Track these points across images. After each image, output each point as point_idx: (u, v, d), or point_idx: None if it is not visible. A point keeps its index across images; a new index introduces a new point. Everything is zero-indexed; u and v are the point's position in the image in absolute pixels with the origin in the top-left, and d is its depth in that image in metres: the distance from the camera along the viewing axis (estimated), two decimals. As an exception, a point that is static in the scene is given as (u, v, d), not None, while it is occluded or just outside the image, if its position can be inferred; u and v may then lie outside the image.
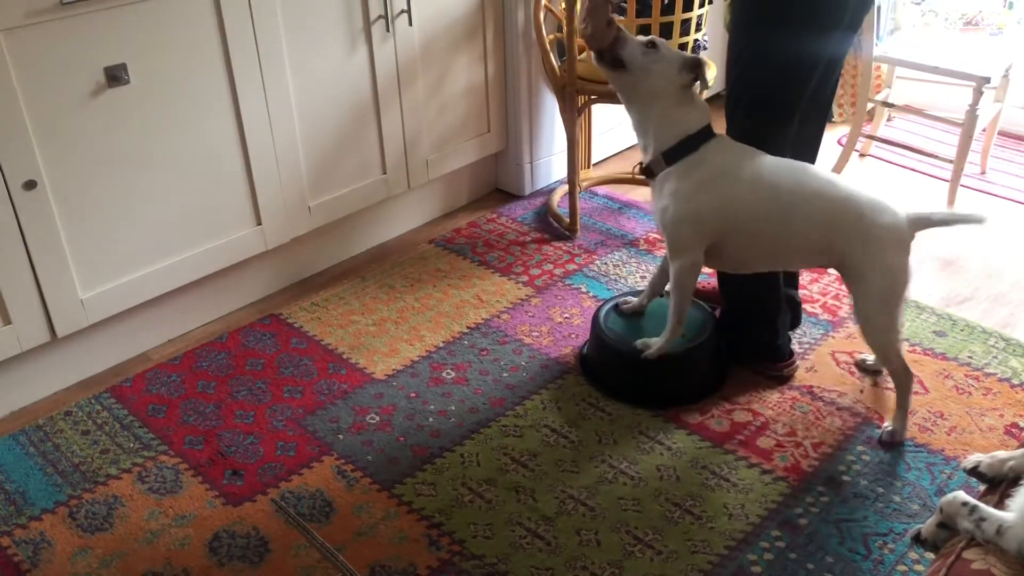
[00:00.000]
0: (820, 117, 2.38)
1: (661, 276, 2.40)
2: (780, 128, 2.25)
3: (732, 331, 2.46)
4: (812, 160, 2.42)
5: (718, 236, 2.15)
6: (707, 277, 2.70)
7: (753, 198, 2.10)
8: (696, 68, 2.09)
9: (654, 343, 2.30)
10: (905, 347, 2.30)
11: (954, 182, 3.21)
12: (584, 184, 3.39)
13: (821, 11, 2.15)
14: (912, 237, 2.09)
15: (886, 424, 2.24)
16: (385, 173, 2.96)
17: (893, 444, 2.20)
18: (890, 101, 3.57)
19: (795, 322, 2.60)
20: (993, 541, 1.38)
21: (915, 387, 2.35)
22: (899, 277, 2.09)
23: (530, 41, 3.14)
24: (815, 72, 2.22)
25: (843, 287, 2.77)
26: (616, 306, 2.48)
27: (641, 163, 2.21)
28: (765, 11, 2.17)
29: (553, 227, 3.21)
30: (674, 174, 2.13)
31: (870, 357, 2.43)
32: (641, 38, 2.11)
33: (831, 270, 2.63)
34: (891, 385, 2.38)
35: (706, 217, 2.13)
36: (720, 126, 2.22)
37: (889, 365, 2.19)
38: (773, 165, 2.13)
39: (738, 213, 2.12)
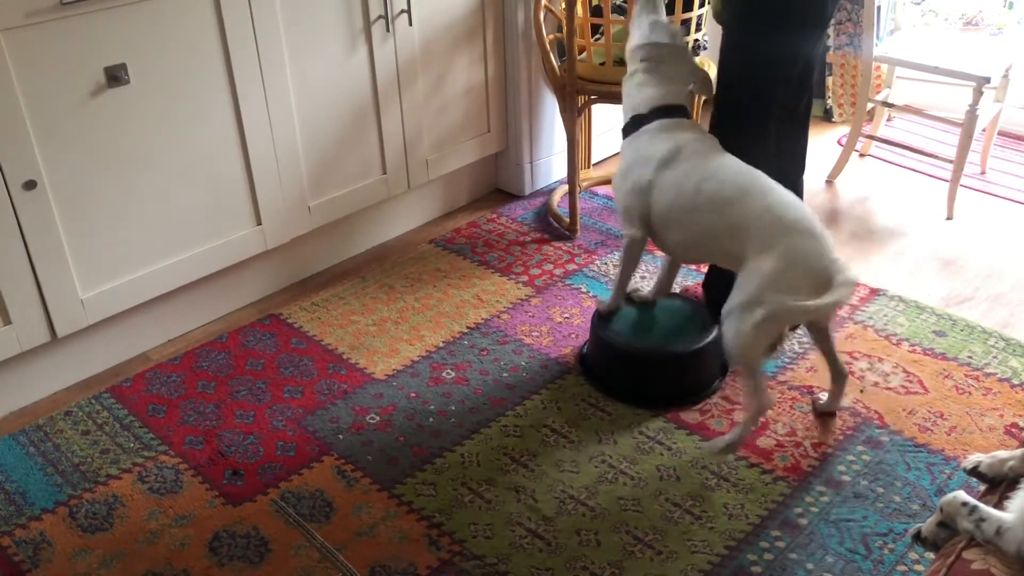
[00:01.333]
0: (802, 130, 2.41)
1: (668, 272, 2.45)
2: (764, 120, 2.33)
3: (717, 305, 2.50)
4: (800, 171, 2.45)
5: (652, 218, 2.22)
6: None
7: (666, 187, 2.15)
8: (648, 47, 2.23)
9: (606, 300, 2.43)
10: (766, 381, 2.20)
11: (954, 182, 3.21)
12: (584, 184, 3.39)
13: (808, 6, 2.23)
14: (824, 278, 1.93)
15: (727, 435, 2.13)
16: (385, 173, 2.96)
17: (721, 452, 2.11)
18: (890, 101, 3.57)
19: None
20: (992, 542, 1.38)
21: (916, 387, 2.36)
22: (784, 288, 1.92)
23: (530, 41, 3.14)
24: (796, 70, 2.29)
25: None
26: (627, 296, 2.50)
27: None
28: (760, 7, 2.20)
29: (553, 227, 3.21)
30: (625, 147, 2.28)
31: (823, 396, 2.31)
32: (655, 12, 2.28)
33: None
34: (892, 385, 2.38)
35: (628, 198, 2.23)
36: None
37: (741, 375, 2.07)
38: (707, 160, 2.11)
39: (654, 199, 2.18)
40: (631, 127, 2.26)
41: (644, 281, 2.87)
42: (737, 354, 2.01)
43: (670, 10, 2.79)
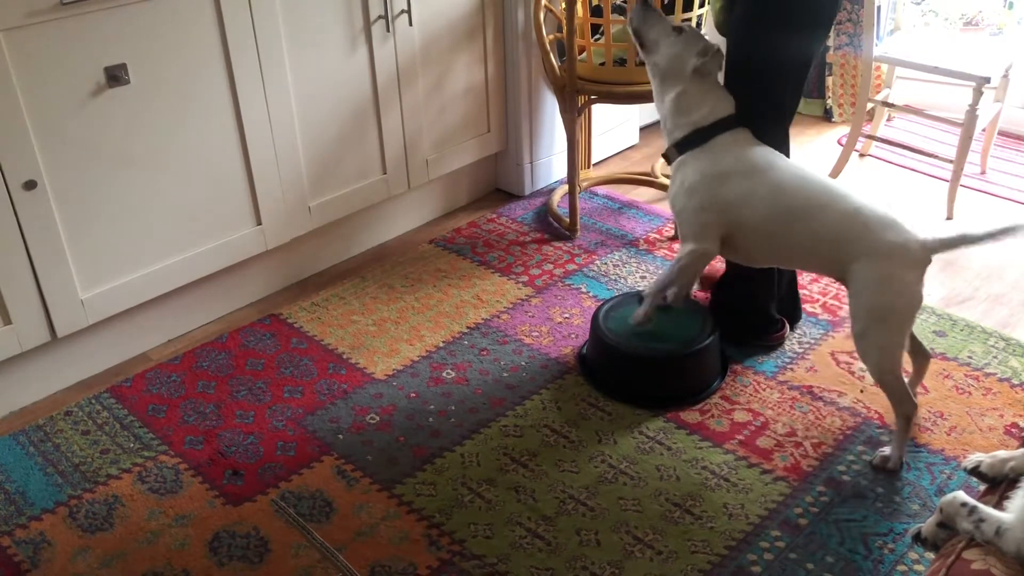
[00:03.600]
0: (786, 125, 2.40)
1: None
2: (783, 125, 2.32)
3: (724, 305, 2.54)
4: None
5: (726, 230, 2.17)
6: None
7: (757, 200, 2.10)
8: (703, 54, 2.13)
9: (638, 313, 2.36)
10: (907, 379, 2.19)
11: (954, 182, 3.21)
12: (584, 184, 3.39)
13: (818, 8, 2.22)
14: (925, 259, 2.01)
15: (883, 449, 2.16)
16: (385, 173, 2.96)
17: (885, 470, 2.12)
18: (890, 101, 3.57)
19: (795, 318, 2.62)
20: (992, 542, 1.38)
21: (919, 391, 2.35)
22: (900, 295, 2.01)
23: (530, 41, 3.14)
24: (805, 70, 2.29)
25: (842, 287, 2.78)
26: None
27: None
28: (772, 11, 2.19)
29: (553, 227, 3.21)
30: (684, 165, 2.18)
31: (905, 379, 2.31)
32: (672, 22, 2.19)
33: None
34: (891, 385, 2.38)
35: (709, 212, 2.14)
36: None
37: (885, 387, 2.09)
38: (785, 170, 2.12)
39: (742, 213, 2.12)
40: (693, 141, 2.15)
41: (645, 281, 2.87)
42: (885, 370, 2.06)
43: (671, 10, 2.79)
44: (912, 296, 2.02)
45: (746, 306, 2.52)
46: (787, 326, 2.57)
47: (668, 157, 2.24)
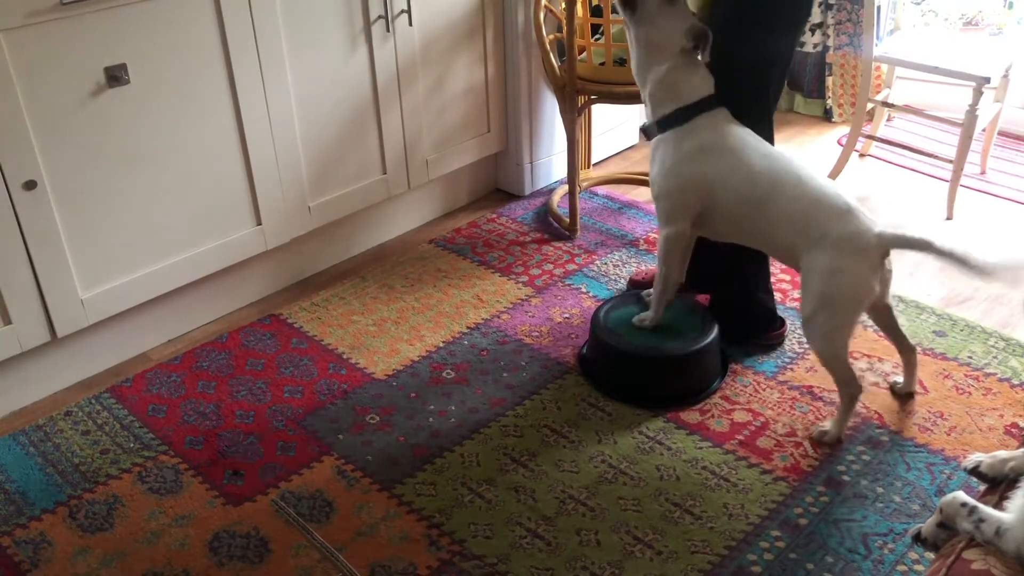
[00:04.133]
0: (771, 118, 2.43)
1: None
2: (768, 118, 2.37)
3: (724, 304, 2.55)
4: None
5: (700, 208, 2.21)
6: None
7: (732, 180, 2.14)
8: (700, 38, 2.12)
9: (645, 314, 2.39)
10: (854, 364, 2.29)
11: (954, 182, 3.21)
12: (584, 184, 3.39)
13: (797, 7, 2.27)
14: (878, 250, 2.03)
15: (823, 423, 2.23)
16: (385, 173, 2.96)
17: (823, 443, 2.19)
18: (890, 101, 3.57)
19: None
20: (992, 542, 1.38)
21: (916, 388, 2.36)
22: (848, 284, 2.03)
23: (530, 41, 3.14)
24: (788, 65, 2.35)
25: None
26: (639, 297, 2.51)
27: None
28: (762, 7, 2.21)
29: (553, 227, 3.21)
30: (666, 142, 2.20)
31: (899, 379, 2.36)
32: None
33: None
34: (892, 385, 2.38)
35: (688, 190, 2.19)
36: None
37: (829, 370, 2.15)
38: (757, 151, 2.16)
39: (716, 191, 2.17)
40: (676, 119, 2.16)
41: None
42: (829, 355, 2.12)
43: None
44: (859, 286, 2.04)
45: (745, 302, 2.53)
46: (786, 324, 2.57)
47: (648, 133, 2.25)
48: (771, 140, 2.35)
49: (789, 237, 2.10)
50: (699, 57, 2.16)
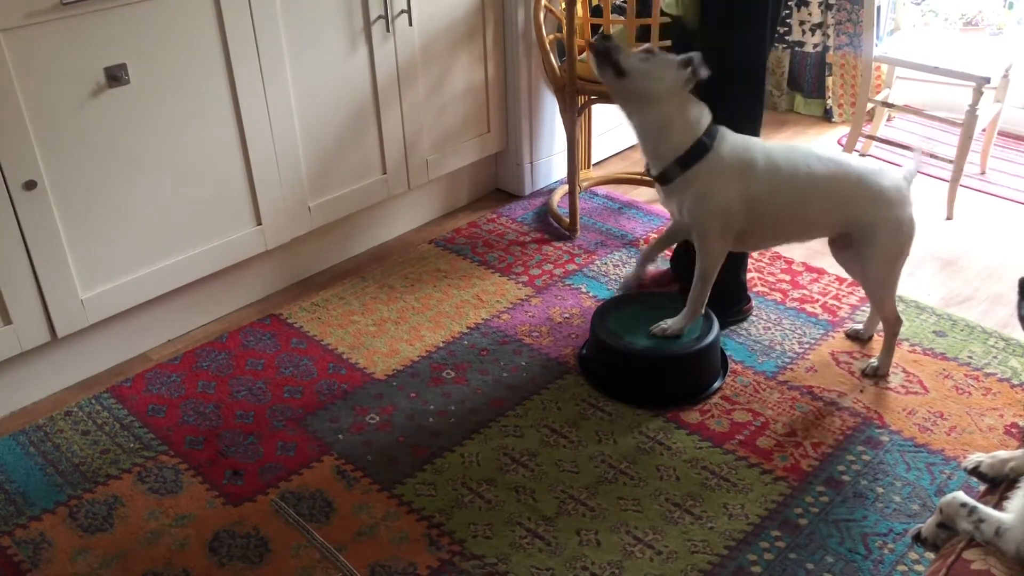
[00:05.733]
0: (761, 118, 2.46)
1: (663, 243, 2.45)
2: (760, 119, 2.43)
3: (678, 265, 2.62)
4: None
5: (744, 226, 2.25)
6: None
7: (773, 185, 2.21)
8: (689, 63, 2.12)
9: (670, 323, 2.37)
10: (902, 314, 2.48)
11: (954, 182, 3.21)
12: (584, 184, 3.39)
13: (774, 6, 2.31)
14: (910, 191, 2.26)
15: (872, 359, 2.44)
16: (385, 173, 2.96)
17: (876, 377, 2.40)
18: (890, 101, 3.57)
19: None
20: (992, 542, 1.38)
21: (915, 387, 2.36)
22: (905, 230, 2.26)
23: (530, 41, 3.14)
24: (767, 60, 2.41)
25: (842, 286, 2.78)
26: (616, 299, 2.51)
27: (648, 168, 2.26)
28: (743, 6, 2.26)
29: (553, 227, 3.21)
30: (696, 177, 2.18)
31: (859, 325, 2.58)
32: (636, 49, 2.17)
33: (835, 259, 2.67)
34: (891, 385, 2.39)
35: (735, 210, 2.21)
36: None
37: (883, 313, 2.39)
38: (779, 150, 2.25)
39: (761, 201, 2.21)
40: (698, 154, 2.16)
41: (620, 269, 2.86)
42: (890, 298, 2.36)
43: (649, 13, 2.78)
44: (913, 227, 2.28)
45: (731, 284, 2.56)
46: (752, 301, 2.66)
47: (668, 176, 2.20)
48: (759, 134, 2.40)
49: (841, 214, 2.25)
50: (700, 77, 2.14)
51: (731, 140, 2.20)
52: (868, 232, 2.24)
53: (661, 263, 2.89)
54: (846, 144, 3.47)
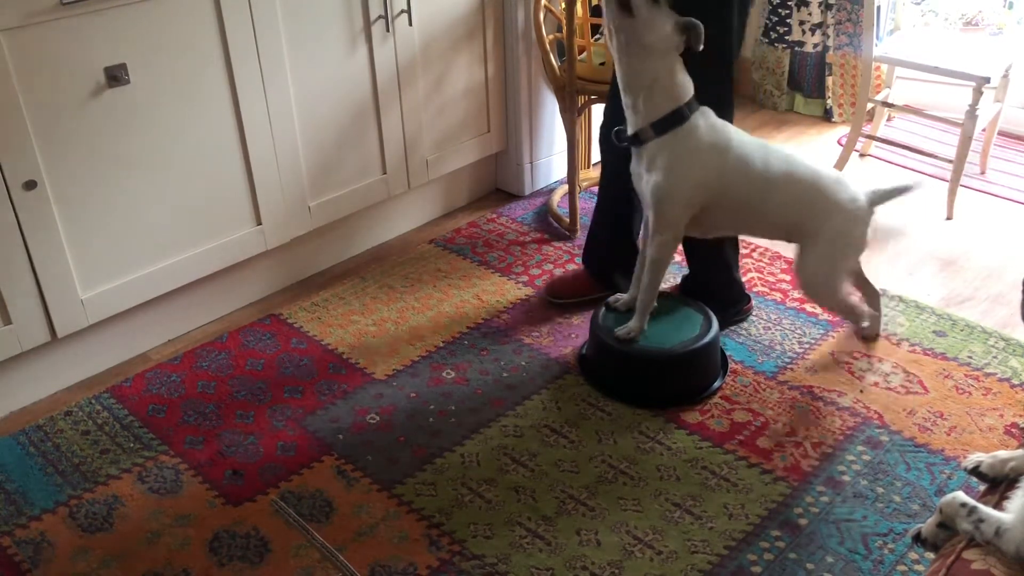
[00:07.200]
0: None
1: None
2: (732, 99, 2.44)
3: (700, 291, 2.60)
4: None
5: (703, 207, 2.24)
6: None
7: (740, 172, 2.21)
8: (689, 29, 2.09)
9: (630, 326, 2.36)
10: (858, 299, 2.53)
11: (954, 182, 3.21)
12: (584, 184, 3.38)
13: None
14: (871, 212, 2.31)
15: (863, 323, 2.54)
16: (385, 173, 2.96)
17: (868, 340, 2.55)
18: (890, 101, 3.57)
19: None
20: (992, 543, 1.38)
21: (915, 387, 2.36)
22: (850, 243, 2.31)
23: (530, 41, 3.14)
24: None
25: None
26: (607, 305, 2.49)
27: (619, 129, 2.24)
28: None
29: (553, 227, 3.21)
30: (665, 146, 2.17)
31: (864, 323, 2.59)
32: None
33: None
34: (892, 385, 2.39)
35: (698, 190, 2.20)
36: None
37: (838, 312, 2.52)
38: (751, 141, 2.25)
39: (726, 186, 2.21)
40: (675, 120, 2.14)
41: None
42: (834, 303, 2.41)
43: None
44: (862, 241, 2.33)
45: (727, 282, 2.59)
46: (752, 301, 2.68)
47: (641, 138, 2.18)
48: (732, 122, 2.37)
49: (796, 215, 2.27)
50: (694, 47, 2.11)
51: (710, 119, 2.19)
52: (811, 239, 2.28)
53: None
54: (846, 144, 3.47)
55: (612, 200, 2.63)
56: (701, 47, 2.10)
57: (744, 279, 2.74)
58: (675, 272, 2.80)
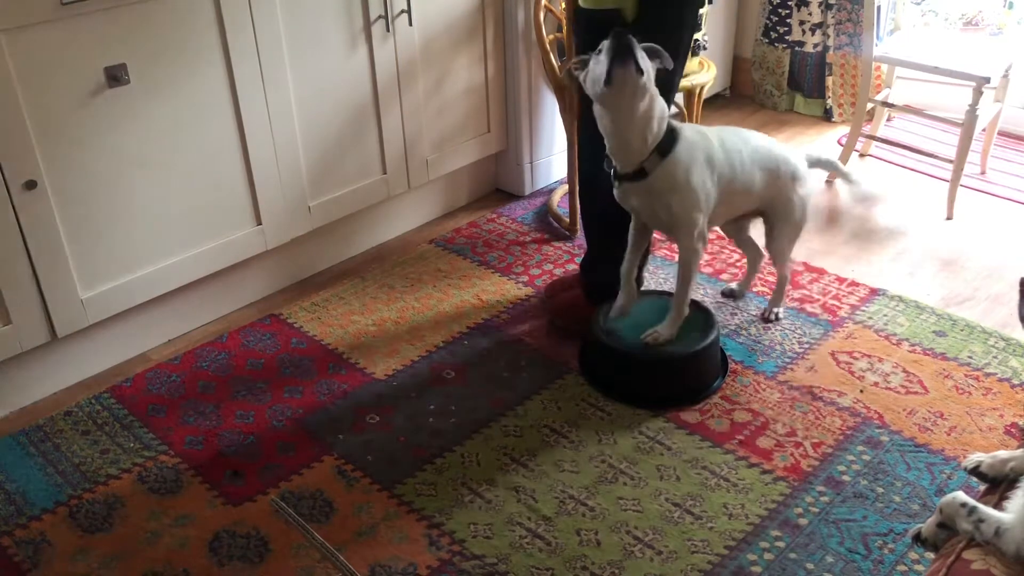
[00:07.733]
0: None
1: (636, 252, 2.41)
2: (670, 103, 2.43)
3: (598, 286, 2.58)
4: None
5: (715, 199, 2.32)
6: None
7: (730, 162, 2.28)
8: (657, 53, 2.10)
9: (661, 330, 2.35)
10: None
11: (954, 182, 3.21)
12: (584, 184, 3.38)
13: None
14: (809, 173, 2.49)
15: (775, 309, 2.66)
16: (385, 173, 2.96)
17: (770, 320, 2.65)
18: (890, 101, 3.57)
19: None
20: (991, 542, 1.38)
21: (915, 387, 2.36)
22: (807, 206, 2.49)
23: (530, 41, 3.14)
24: None
25: (842, 286, 2.78)
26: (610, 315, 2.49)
27: (615, 169, 2.21)
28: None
29: (553, 227, 3.21)
30: (672, 165, 2.17)
31: (734, 284, 2.78)
32: (587, 57, 2.11)
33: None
34: (892, 385, 2.39)
35: (710, 190, 2.25)
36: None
37: (782, 272, 2.61)
38: (723, 131, 2.34)
39: (724, 177, 2.28)
40: (672, 139, 2.16)
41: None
42: (787, 262, 2.57)
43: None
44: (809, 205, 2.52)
45: (614, 271, 2.48)
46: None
47: (645, 170, 2.15)
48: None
49: (773, 188, 2.39)
50: (667, 68, 2.13)
51: (685, 125, 2.25)
52: (786, 207, 2.43)
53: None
54: (846, 144, 3.47)
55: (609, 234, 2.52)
56: (672, 66, 2.15)
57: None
58: (658, 266, 2.80)
